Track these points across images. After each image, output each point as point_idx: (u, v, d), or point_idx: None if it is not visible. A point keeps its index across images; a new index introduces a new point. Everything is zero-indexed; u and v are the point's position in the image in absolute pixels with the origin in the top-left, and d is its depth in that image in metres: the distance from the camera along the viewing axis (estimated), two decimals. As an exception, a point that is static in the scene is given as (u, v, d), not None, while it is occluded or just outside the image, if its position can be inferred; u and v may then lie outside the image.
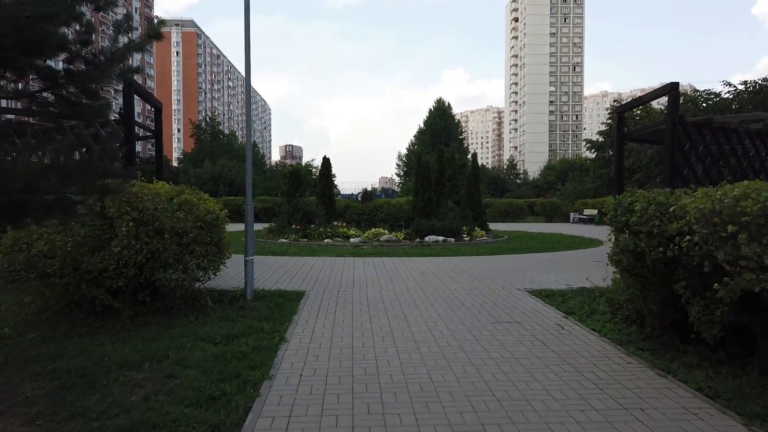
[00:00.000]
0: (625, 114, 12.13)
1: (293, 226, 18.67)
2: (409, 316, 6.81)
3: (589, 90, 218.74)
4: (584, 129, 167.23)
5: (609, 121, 42.47)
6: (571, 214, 34.98)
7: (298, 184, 20.78)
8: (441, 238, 17.54)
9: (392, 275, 10.34)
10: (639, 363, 4.93)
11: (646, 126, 12.56)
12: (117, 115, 9.38)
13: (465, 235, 18.53)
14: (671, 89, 9.96)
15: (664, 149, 9.80)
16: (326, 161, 21.88)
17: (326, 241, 17.58)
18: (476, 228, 19.54)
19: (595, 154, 43.22)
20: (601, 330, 6.08)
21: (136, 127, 12.74)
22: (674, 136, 9.69)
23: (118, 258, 6.33)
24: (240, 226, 27.92)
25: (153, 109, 11.59)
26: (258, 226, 24.00)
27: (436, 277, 10.15)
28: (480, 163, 22.13)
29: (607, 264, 5.92)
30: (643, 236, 5.15)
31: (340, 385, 4.35)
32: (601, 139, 42.85)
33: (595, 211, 32.58)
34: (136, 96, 9.68)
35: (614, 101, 49.97)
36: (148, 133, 11.66)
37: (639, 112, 40.17)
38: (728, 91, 34.86)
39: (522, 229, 26.17)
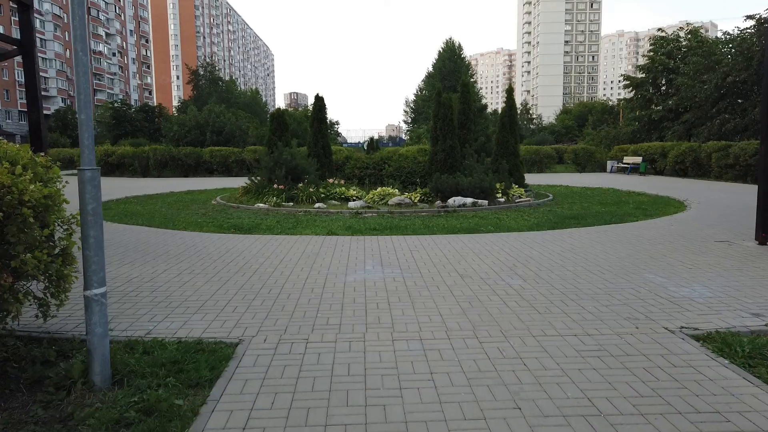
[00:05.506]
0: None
1: (275, 186, 14.27)
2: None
3: (604, 29, 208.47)
4: (599, 71, 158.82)
5: (651, 53, 36.69)
6: (609, 163, 30.19)
7: (282, 132, 16.16)
8: (469, 200, 13.12)
9: (410, 283, 6.04)
10: None
11: None
12: None
13: (499, 195, 14.12)
14: None
15: None
16: (319, 101, 17.16)
17: (318, 205, 13.25)
18: (513, 185, 15.09)
19: (633, 93, 37.62)
20: None
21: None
22: None
23: None
24: (213, 183, 23.51)
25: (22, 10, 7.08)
26: (238, 182, 19.61)
27: (488, 286, 5.84)
28: (495, 108, 17.43)
29: None
30: None
31: None
32: (641, 75, 37.27)
33: (638, 159, 27.77)
34: None
35: (659, 30, 43.78)
36: (12, 48, 7.14)
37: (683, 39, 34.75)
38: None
39: (559, 183, 21.68)
